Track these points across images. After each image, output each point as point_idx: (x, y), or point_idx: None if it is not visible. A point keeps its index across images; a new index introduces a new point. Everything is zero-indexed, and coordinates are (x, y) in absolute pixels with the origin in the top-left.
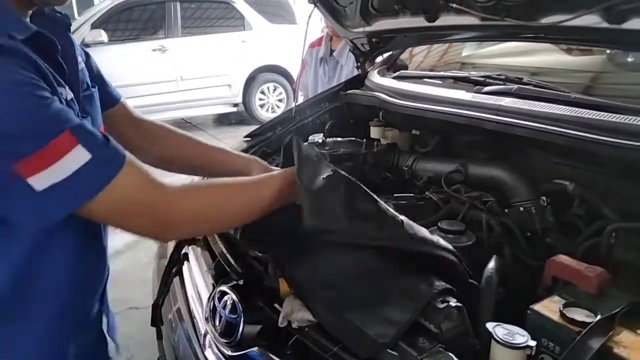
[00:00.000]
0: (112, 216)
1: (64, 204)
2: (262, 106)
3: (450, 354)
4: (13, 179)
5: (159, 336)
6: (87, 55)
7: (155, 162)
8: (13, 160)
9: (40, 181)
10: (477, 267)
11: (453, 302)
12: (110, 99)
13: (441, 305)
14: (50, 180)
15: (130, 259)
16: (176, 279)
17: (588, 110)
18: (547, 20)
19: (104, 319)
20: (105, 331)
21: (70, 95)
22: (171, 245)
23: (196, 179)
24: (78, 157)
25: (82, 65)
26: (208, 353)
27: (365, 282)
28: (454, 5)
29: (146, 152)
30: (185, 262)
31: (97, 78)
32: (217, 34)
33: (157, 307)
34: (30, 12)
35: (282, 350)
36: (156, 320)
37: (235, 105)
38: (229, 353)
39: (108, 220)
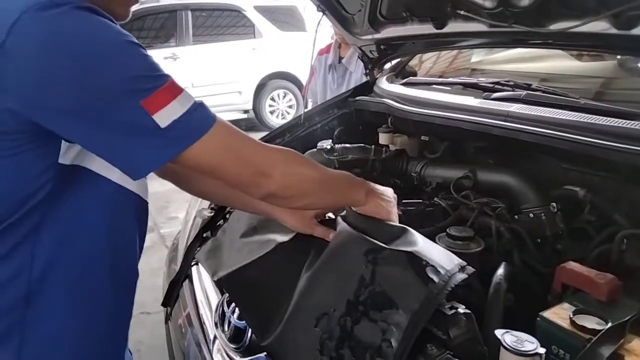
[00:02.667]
0: (217, 157)
1: (187, 137)
2: (272, 112)
3: None
4: (143, 117)
5: (167, 319)
6: None
7: (192, 191)
8: (140, 98)
9: (164, 117)
10: (486, 274)
11: (461, 309)
12: None
13: (449, 312)
14: (172, 117)
15: (141, 264)
16: (186, 284)
17: (597, 116)
18: (554, 26)
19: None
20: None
21: None
22: (181, 252)
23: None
24: (185, 99)
25: None
26: (217, 358)
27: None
28: (462, 13)
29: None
30: (195, 268)
31: None
32: (228, 41)
33: (175, 284)
34: None
35: None
36: (170, 298)
37: (246, 111)
38: (238, 358)
39: (213, 161)
